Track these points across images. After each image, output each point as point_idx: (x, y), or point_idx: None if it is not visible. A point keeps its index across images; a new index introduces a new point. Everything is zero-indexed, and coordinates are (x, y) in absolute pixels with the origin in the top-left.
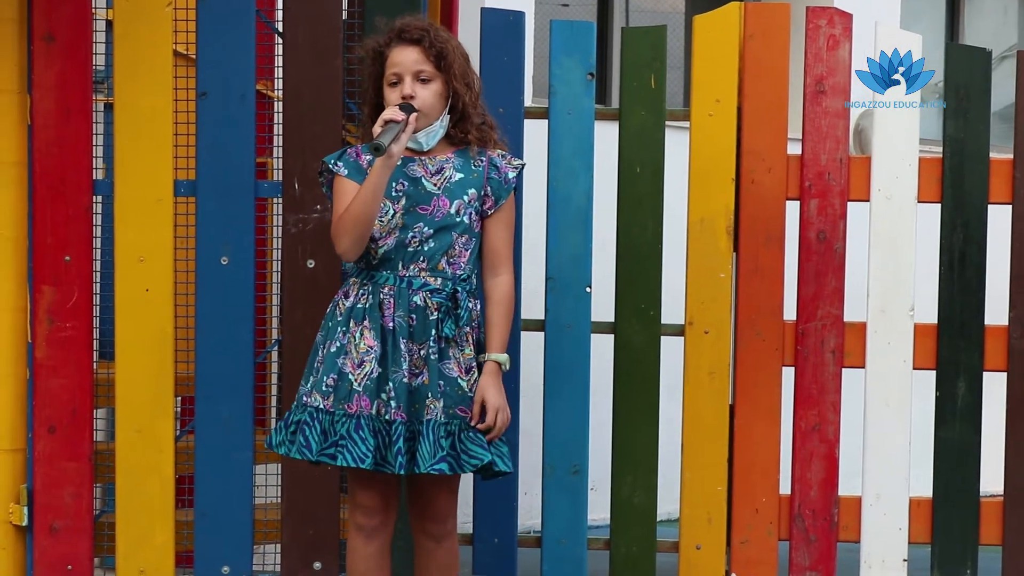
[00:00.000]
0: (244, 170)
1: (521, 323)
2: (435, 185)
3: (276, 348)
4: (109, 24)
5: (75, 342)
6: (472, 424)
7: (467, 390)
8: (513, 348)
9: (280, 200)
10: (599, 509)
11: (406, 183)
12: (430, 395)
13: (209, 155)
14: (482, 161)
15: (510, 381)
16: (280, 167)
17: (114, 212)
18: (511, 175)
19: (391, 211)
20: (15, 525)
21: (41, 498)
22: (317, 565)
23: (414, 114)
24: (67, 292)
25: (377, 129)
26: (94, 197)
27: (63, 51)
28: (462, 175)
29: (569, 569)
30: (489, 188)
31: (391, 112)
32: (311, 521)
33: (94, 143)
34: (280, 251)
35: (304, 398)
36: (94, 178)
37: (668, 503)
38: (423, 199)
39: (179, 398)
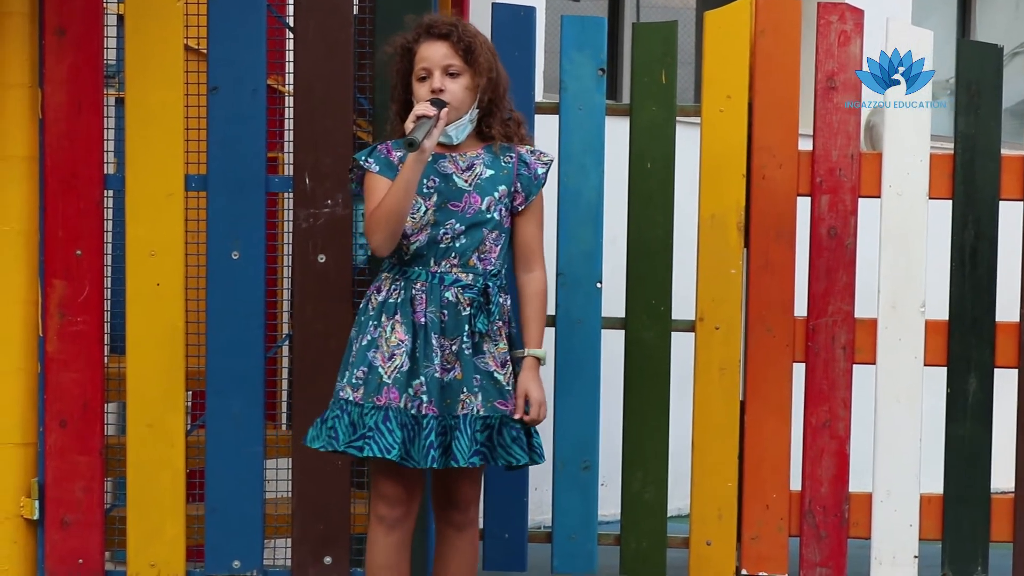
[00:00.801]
0: (255, 165)
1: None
2: (466, 182)
3: (287, 343)
4: (120, 18)
5: (86, 336)
6: (516, 417)
7: (504, 384)
8: (519, 343)
9: (291, 195)
10: (610, 505)
11: (437, 179)
12: (465, 390)
13: (220, 150)
14: (512, 157)
15: None
16: (291, 162)
17: (125, 206)
18: (540, 171)
19: (423, 208)
20: (26, 519)
21: (52, 492)
22: (328, 559)
23: (445, 109)
24: (78, 286)
25: (409, 125)
26: (105, 191)
27: (74, 45)
28: (492, 171)
29: (579, 564)
30: (519, 184)
31: (423, 107)
32: (322, 516)
33: (105, 137)
34: (291, 246)
35: (339, 393)
36: (105, 172)
37: (678, 499)
38: (454, 196)
39: (190, 392)
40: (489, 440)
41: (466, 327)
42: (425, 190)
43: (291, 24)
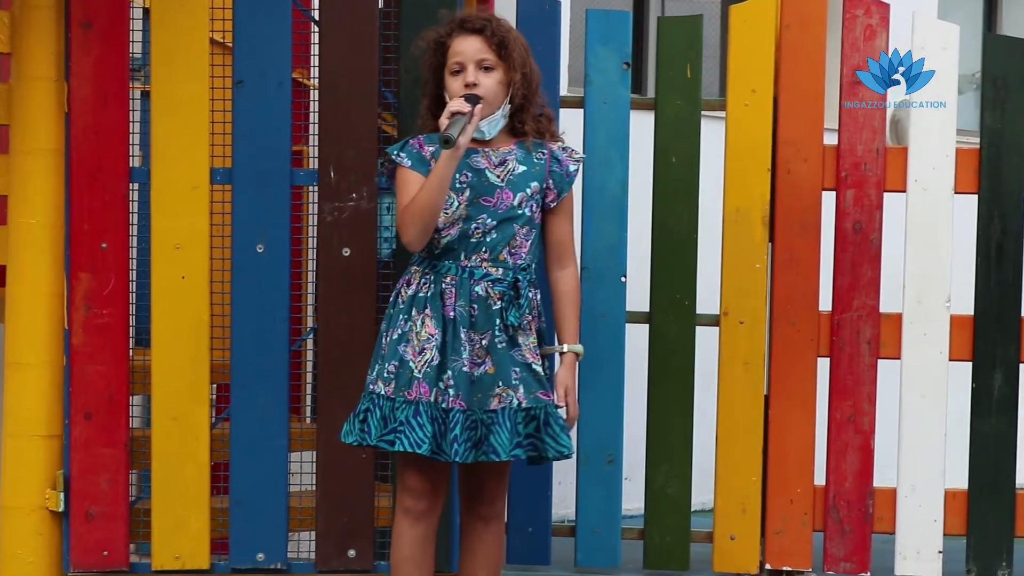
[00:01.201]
0: (280, 158)
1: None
2: (499, 177)
3: (311, 336)
4: (146, 11)
5: (111, 329)
6: (561, 406)
7: (543, 374)
8: (549, 337)
9: (316, 188)
10: (633, 499)
11: (470, 174)
12: (501, 384)
13: (245, 143)
14: (544, 154)
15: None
16: (316, 155)
17: (150, 200)
18: (572, 168)
19: (455, 202)
20: (52, 511)
21: (77, 484)
22: (352, 552)
23: (479, 105)
24: (103, 279)
25: (444, 121)
26: (130, 184)
27: (100, 38)
28: (524, 168)
29: (603, 558)
30: (551, 181)
31: (457, 104)
32: (346, 509)
33: (131, 131)
34: (316, 239)
35: (370, 386)
36: (130, 166)
37: (702, 493)
38: (487, 191)
39: (214, 385)
40: (536, 432)
41: (497, 321)
42: (458, 185)
43: (316, 17)
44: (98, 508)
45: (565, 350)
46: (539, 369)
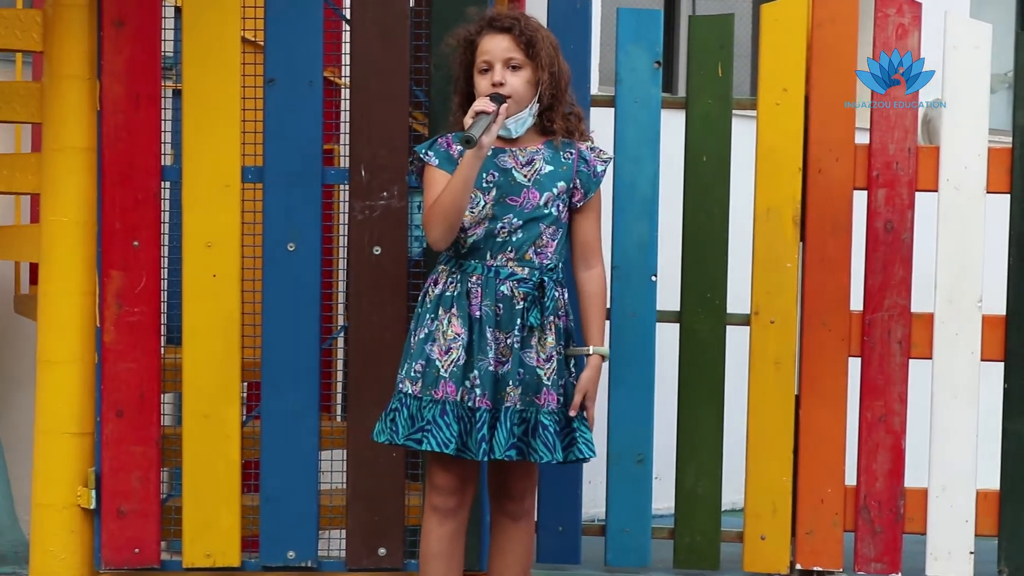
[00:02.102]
0: (311, 157)
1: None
2: (525, 177)
3: (342, 335)
4: (178, 10)
5: (143, 327)
6: (571, 415)
7: (544, 379)
8: (577, 336)
9: (347, 187)
10: (663, 498)
11: (496, 174)
12: (511, 383)
13: (276, 141)
14: (571, 154)
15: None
16: (347, 154)
17: (182, 198)
18: (600, 168)
19: (481, 202)
20: (83, 508)
21: (109, 482)
22: (382, 551)
23: (504, 105)
24: (135, 277)
25: (468, 120)
26: (162, 183)
27: (132, 37)
28: (552, 167)
29: (633, 558)
30: (578, 181)
31: (482, 103)
32: (376, 507)
33: (162, 129)
34: (346, 238)
35: (399, 385)
36: (162, 164)
37: (733, 493)
38: (513, 190)
39: (245, 383)
40: (525, 435)
41: (519, 320)
42: (484, 184)
43: (347, 16)
44: (129, 505)
45: (591, 352)
46: (542, 373)
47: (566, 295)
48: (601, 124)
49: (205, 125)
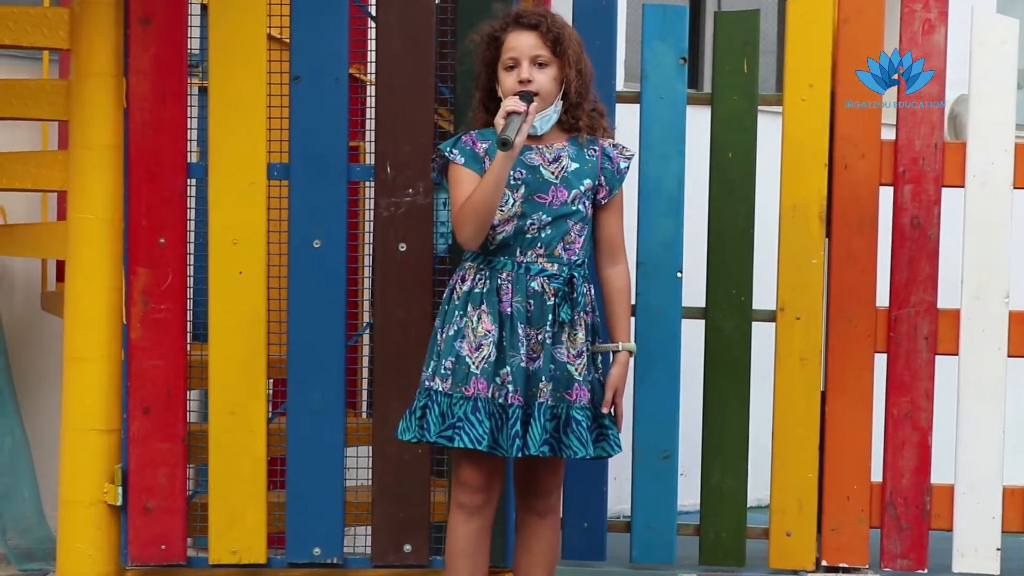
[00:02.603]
0: (337, 153)
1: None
2: (553, 174)
3: (368, 331)
4: (204, 8)
5: (169, 324)
6: (604, 411)
7: (575, 374)
8: (603, 333)
9: (372, 183)
10: (689, 495)
11: (524, 171)
12: (543, 378)
13: (302, 138)
14: (595, 151)
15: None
16: (372, 151)
17: (208, 195)
18: (623, 165)
19: (510, 200)
20: (110, 505)
21: (135, 478)
22: (407, 547)
23: (534, 104)
24: (161, 274)
25: (500, 121)
26: (188, 180)
27: (159, 35)
28: (577, 165)
29: (659, 554)
30: (603, 178)
31: (512, 103)
32: (402, 503)
33: (188, 126)
34: (372, 234)
35: (426, 383)
36: (188, 161)
37: (758, 489)
38: (541, 188)
39: (271, 380)
40: (556, 431)
41: (550, 316)
42: (512, 182)
43: (373, 13)
44: (156, 502)
45: (620, 348)
46: (572, 369)
47: (592, 291)
48: (626, 120)
49: (231, 122)
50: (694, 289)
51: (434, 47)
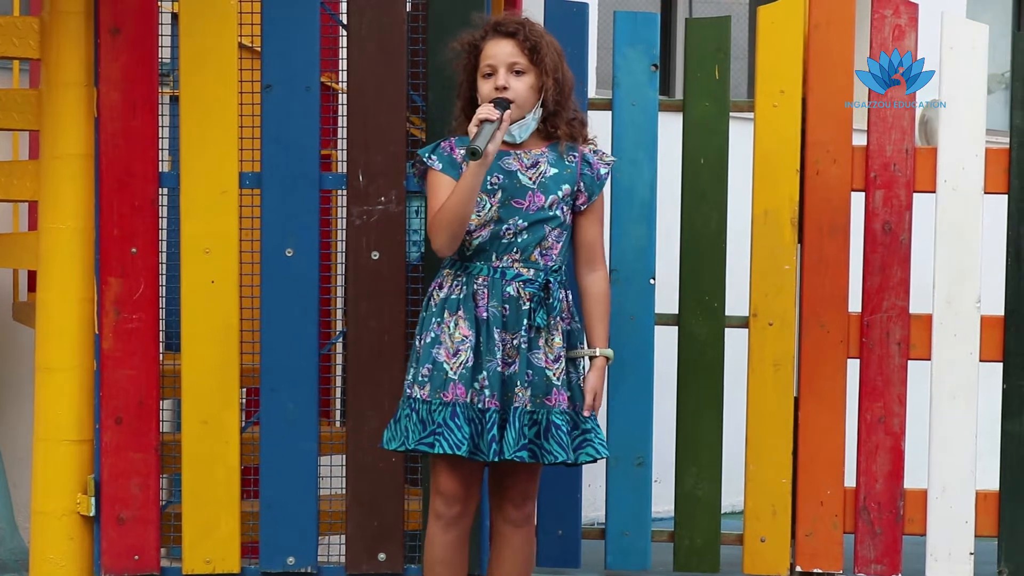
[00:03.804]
0: (309, 162)
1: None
2: (530, 179)
3: (341, 340)
4: (174, 16)
5: (141, 333)
6: (585, 415)
7: (553, 379)
8: (580, 339)
9: (344, 192)
10: (663, 501)
11: (501, 176)
12: (519, 383)
13: (274, 147)
14: (575, 157)
15: None
16: (344, 159)
17: (180, 204)
18: (603, 171)
19: (487, 204)
20: (83, 515)
21: (108, 489)
22: (382, 556)
23: (508, 111)
24: (133, 284)
25: (472, 129)
26: (160, 189)
27: (129, 44)
28: (556, 170)
29: (633, 561)
30: (582, 184)
31: (486, 111)
32: (376, 512)
33: (160, 135)
34: (345, 243)
35: (407, 391)
36: (160, 170)
37: (732, 495)
38: (518, 193)
39: (244, 389)
40: (537, 437)
41: (525, 321)
42: (489, 187)
43: (345, 21)
44: (129, 512)
45: (597, 354)
46: (551, 374)
47: (570, 297)
48: (598, 127)
49: (203, 131)
50: (667, 295)
51: (406, 55)
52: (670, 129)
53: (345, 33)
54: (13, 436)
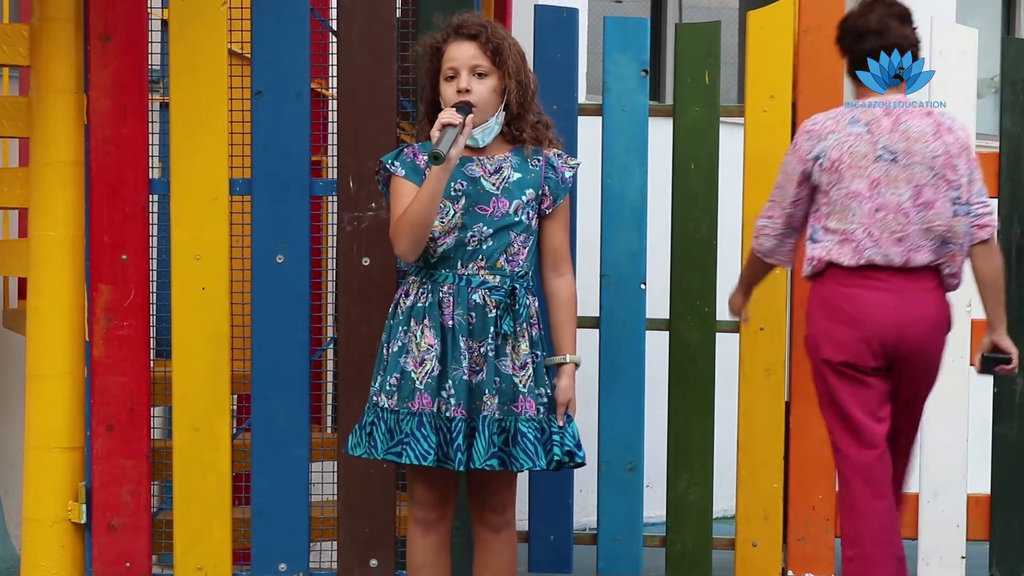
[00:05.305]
0: (299, 168)
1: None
2: (494, 185)
3: (331, 346)
4: (164, 23)
5: (132, 340)
6: (559, 425)
7: (520, 386)
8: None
9: (335, 198)
10: (655, 506)
11: (465, 183)
12: (487, 391)
13: (264, 154)
14: (539, 161)
15: None
16: (335, 165)
17: (170, 211)
18: (568, 175)
19: (451, 211)
20: (74, 523)
21: (99, 496)
22: (373, 562)
23: (471, 115)
24: (124, 291)
25: (435, 134)
26: (150, 196)
27: (119, 51)
28: (520, 175)
29: (625, 566)
30: (547, 188)
31: (448, 115)
32: (367, 518)
33: (150, 142)
34: (335, 249)
35: (374, 398)
36: (150, 177)
37: (724, 500)
38: (482, 199)
39: (235, 396)
40: (506, 444)
41: (492, 328)
42: (453, 193)
43: (334, 28)
44: (120, 519)
45: (568, 360)
46: (518, 381)
47: (536, 303)
48: (589, 133)
49: (193, 138)
50: (658, 300)
51: (395, 61)
52: (661, 134)
53: (335, 39)
54: (5, 443)
